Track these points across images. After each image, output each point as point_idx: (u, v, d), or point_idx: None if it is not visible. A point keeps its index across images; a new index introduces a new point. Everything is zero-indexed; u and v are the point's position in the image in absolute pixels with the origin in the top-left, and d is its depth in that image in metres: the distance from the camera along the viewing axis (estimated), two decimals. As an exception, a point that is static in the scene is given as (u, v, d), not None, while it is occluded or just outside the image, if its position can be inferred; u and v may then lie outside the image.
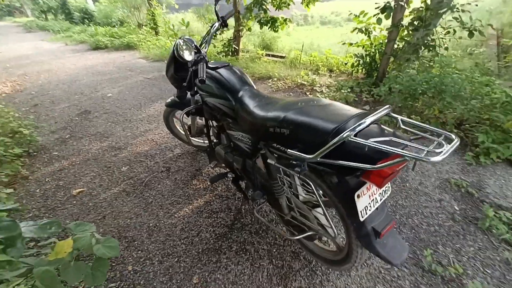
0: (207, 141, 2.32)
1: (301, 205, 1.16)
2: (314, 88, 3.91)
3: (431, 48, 3.46)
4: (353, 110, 0.85)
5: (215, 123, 1.78)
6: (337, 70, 4.87)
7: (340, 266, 1.17)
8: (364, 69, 4.31)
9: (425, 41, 3.52)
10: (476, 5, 3.10)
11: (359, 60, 4.16)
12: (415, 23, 3.44)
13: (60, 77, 4.75)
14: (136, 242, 1.59)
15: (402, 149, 0.67)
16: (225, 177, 1.66)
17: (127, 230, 1.67)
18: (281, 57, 6.16)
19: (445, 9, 3.13)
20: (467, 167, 2.21)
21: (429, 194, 1.94)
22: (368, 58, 4.18)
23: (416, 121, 0.79)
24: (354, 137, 0.70)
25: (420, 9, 3.43)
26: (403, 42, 3.74)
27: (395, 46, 3.82)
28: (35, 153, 2.44)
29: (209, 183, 2.04)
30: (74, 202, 1.90)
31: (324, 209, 0.96)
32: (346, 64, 4.60)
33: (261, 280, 1.37)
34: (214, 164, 1.75)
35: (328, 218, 0.97)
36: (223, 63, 1.46)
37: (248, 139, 1.26)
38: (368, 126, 0.72)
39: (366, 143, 0.69)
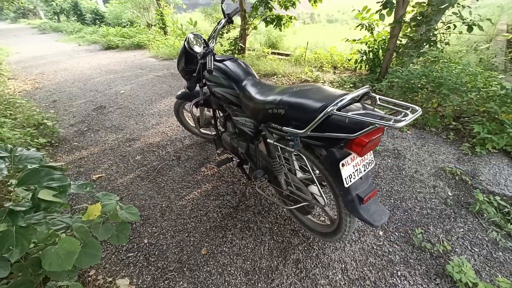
0: (214, 132, 2.49)
1: (297, 180, 1.30)
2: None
3: (432, 44, 3.53)
4: (339, 92, 0.98)
5: (221, 113, 1.94)
6: (341, 67, 4.96)
7: (333, 236, 1.30)
8: (367, 65, 4.39)
9: (428, 37, 3.59)
10: (477, 0, 3.15)
11: (362, 56, 4.24)
12: (418, 18, 3.50)
13: (75, 76, 5.01)
14: (150, 220, 1.75)
15: (379, 119, 0.80)
16: (231, 162, 1.81)
17: (142, 210, 1.84)
18: (287, 55, 6.28)
19: (447, 4, 3.19)
20: (463, 157, 2.29)
21: (424, 181, 2.04)
22: (371, 54, 4.26)
23: (391, 99, 0.92)
24: (336, 112, 0.84)
25: (423, 4, 3.50)
26: (407, 38, 3.81)
27: (398, 42, 3.89)
28: (57, 144, 2.65)
29: (216, 169, 2.20)
30: (94, 186, 2.06)
31: (316, 181, 1.10)
32: (349, 60, 4.68)
33: (263, 252, 1.51)
34: (221, 150, 1.90)
35: (319, 188, 1.10)
36: (229, 56, 1.61)
37: (250, 123, 1.41)
38: (349, 102, 0.85)
39: (346, 116, 0.83)
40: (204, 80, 1.77)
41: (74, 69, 5.52)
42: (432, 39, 3.46)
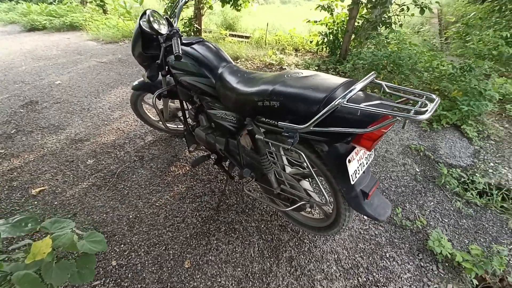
0: (180, 125, 2.22)
1: (289, 178, 1.19)
2: (283, 67, 3.92)
3: (387, 25, 3.68)
4: (339, 79, 0.87)
5: (190, 105, 1.70)
6: (303, 49, 4.93)
7: (329, 231, 1.25)
8: (328, 47, 4.42)
9: (382, 18, 3.72)
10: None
11: (323, 38, 4.24)
12: (373, 0, 3.58)
13: (-10, 64, 4.03)
14: (116, 236, 1.49)
15: (393, 110, 0.71)
16: (207, 159, 1.62)
17: (105, 225, 1.55)
18: (246, 37, 6.01)
19: (400, -13, 3.31)
20: (423, 133, 2.46)
21: (394, 160, 2.14)
22: (331, 36, 4.28)
23: (398, 86, 0.85)
24: (346, 103, 0.73)
25: (378, -14, 3.57)
26: (363, 20, 3.90)
27: (356, 24, 3.96)
28: (-26, 153, 2.09)
29: (190, 167, 1.98)
30: (35, 202, 1.69)
31: (316, 178, 1.00)
32: (311, 42, 4.66)
33: (253, 255, 1.41)
34: (193, 147, 1.68)
35: (321, 186, 1.01)
36: (197, 38, 1.37)
37: (232, 116, 1.23)
38: (357, 92, 0.74)
39: (359, 107, 0.72)
40: (167, 67, 1.51)
41: (-13, 56, 4.44)
42: (387, 21, 3.60)
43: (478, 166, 2.11)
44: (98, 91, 3.18)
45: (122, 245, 1.45)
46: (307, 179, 1.25)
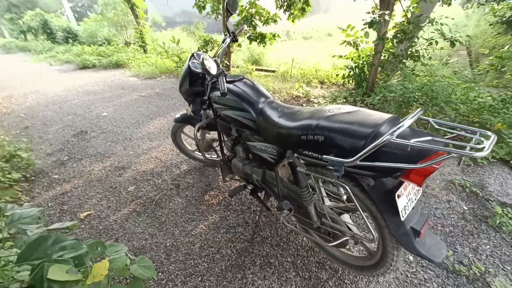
0: (214, 155, 2.32)
1: (330, 211, 1.17)
2: (310, 99, 4.02)
3: (416, 59, 3.71)
4: (383, 115, 0.90)
5: (226, 137, 1.79)
6: (328, 82, 5.06)
7: (374, 271, 1.17)
8: (354, 80, 4.51)
9: (409, 52, 3.79)
10: (453, 19, 3.38)
11: (350, 72, 4.35)
12: (399, 36, 3.69)
13: (49, 98, 4.61)
14: (155, 264, 1.52)
15: (444, 146, 0.71)
16: (244, 190, 1.65)
17: (144, 252, 1.60)
18: (272, 71, 6.34)
19: (426, 23, 3.39)
20: (466, 168, 2.32)
21: (437, 196, 2.01)
22: (357, 70, 4.39)
23: (449, 122, 0.85)
24: (396, 139, 0.74)
25: (403, 23, 3.70)
26: (388, 54, 3.99)
27: (382, 57, 4.05)
28: (33, 178, 2.32)
29: (223, 197, 2.01)
30: (83, 226, 1.80)
31: (362, 213, 0.97)
32: (337, 75, 4.79)
33: (291, 293, 1.34)
34: (230, 177, 1.73)
35: (367, 222, 0.98)
36: (238, 76, 1.50)
37: (272, 149, 1.28)
38: (405, 128, 0.76)
39: (410, 143, 0.73)
40: (208, 101, 1.64)
41: (47, 91, 5.11)
42: (416, 54, 3.65)
43: (536, 205, 1.90)
44: (138, 122, 3.47)
45: (160, 274, 1.46)
46: (347, 213, 1.21)
